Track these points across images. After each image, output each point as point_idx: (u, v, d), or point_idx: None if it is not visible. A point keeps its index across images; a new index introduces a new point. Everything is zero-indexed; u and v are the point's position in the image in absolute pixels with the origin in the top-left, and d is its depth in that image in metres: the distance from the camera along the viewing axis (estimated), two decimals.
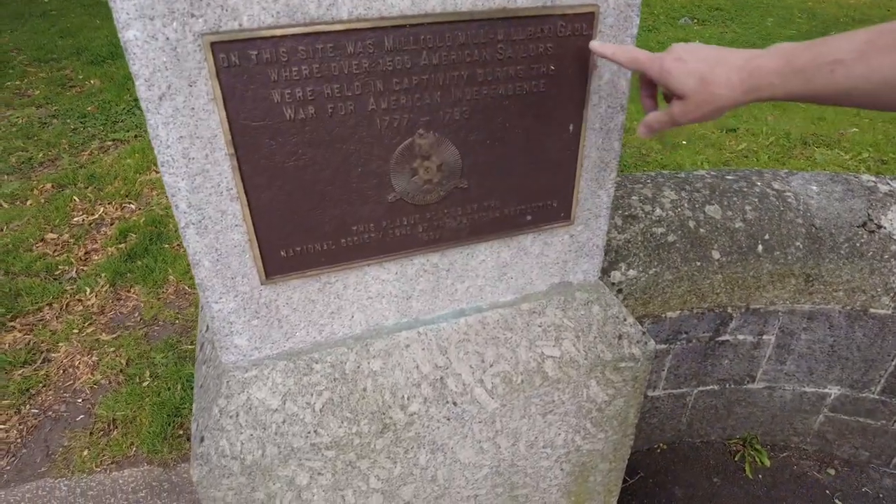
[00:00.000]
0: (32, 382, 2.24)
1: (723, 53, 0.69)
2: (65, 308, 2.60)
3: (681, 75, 0.70)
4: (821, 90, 0.60)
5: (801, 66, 0.61)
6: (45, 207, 3.31)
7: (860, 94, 0.58)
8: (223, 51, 0.72)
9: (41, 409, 2.16)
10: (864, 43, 0.57)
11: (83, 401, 2.19)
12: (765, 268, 1.54)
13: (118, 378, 2.27)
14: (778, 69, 0.63)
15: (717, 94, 0.68)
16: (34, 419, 2.12)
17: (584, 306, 1.18)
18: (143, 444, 1.99)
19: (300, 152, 0.81)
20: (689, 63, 0.70)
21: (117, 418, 2.10)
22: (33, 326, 2.50)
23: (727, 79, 0.67)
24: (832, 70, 0.59)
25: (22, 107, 4.52)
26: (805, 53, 0.61)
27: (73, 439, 2.03)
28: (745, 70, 0.66)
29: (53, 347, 2.41)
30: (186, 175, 0.80)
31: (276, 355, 1.01)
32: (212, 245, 0.86)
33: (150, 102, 0.74)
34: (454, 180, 0.93)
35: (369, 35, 0.77)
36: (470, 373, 1.08)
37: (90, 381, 2.26)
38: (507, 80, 0.87)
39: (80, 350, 2.39)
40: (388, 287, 1.01)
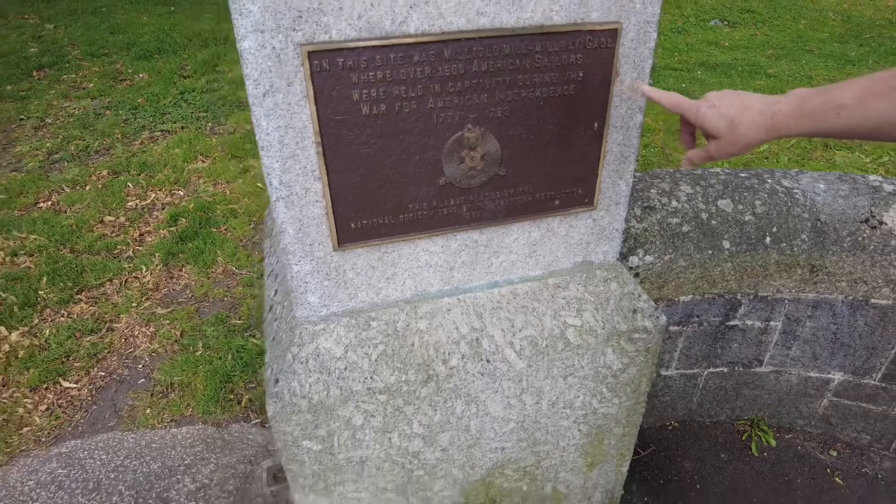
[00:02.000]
0: (99, 348, 2.48)
1: (748, 100, 0.84)
2: (124, 284, 2.85)
3: (714, 119, 0.85)
4: (829, 129, 0.73)
5: (811, 110, 0.74)
6: (103, 192, 3.57)
7: (862, 131, 0.70)
8: (317, 58, 0.90)
9: (107, 372, 2.39)
10: (862, 90, 0.70)
11: (143, 366, 2.42)
12: (772, 258, 1.67)
13: (173, 347, 2.50)
14: (792, 112, 0.76)
15: (744, 135, 0.82)
16: (102, 380, 2.36)
17: (603, 283, 1.34)
18: (198, 406, 2.20)
19: (371, 142, 0.99)
20: (720, 109, 0.85)
21: (174, 382, 2.32)
22: (97, 300, 2.75)
23: (752, 122, 0.81)
24: (838, 113, 0.71)
25: (78, 98, 4.82)
26: (815, 99, 0.74)
27: (136, 399, 2.26)
28: (766, 114, 0.79)
29: (115, 319, 2.64)
30: (280, 158, 0.98)
31: (341, 312, 1.19)
32: (296, 217, 1.05)
33: (256, 98, 0.93)
34: (494, 168, 1.10)
35: (432, 47, 0.94)
36: (501, 335, 1.25)
37: (149, 350, 2.49)
38: (542, 84, 1.04)
39: (138, 322, 2.63)
40: (435, 258, 1.19)
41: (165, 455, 2.03)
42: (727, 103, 0.85)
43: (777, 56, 5.97)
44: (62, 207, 3.43)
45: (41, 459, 2.02)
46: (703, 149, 0.93)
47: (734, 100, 0.85)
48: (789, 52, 6.14)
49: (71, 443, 2.08)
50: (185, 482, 1.95)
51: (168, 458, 2.02)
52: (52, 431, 2.12)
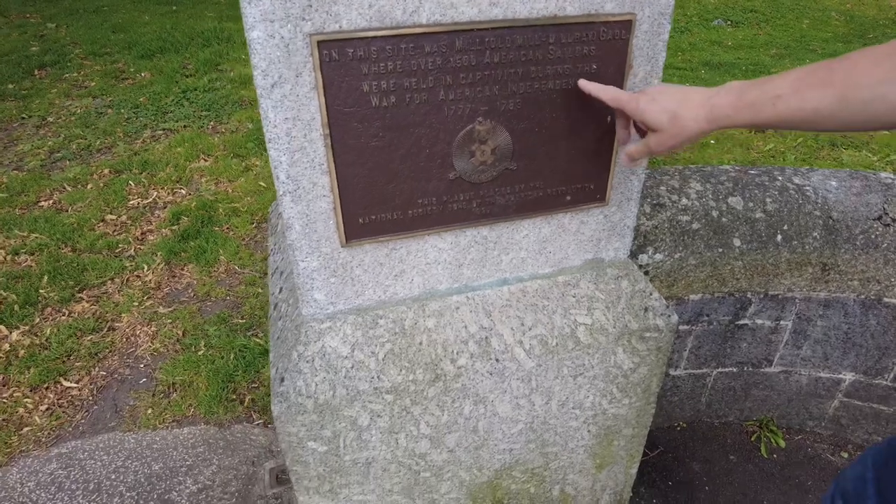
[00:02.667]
0: (100, 348, 2.46)
1: (687, 93, 0.86)
2: (125, 283, 2.82)
3: (655, 112, 0.87)
4: (766, 119, 0.75)
5: (750, 101, 0.76)
6: (104, 191, 3.55)
7: (797, 120, 0.74)
8: (326, 48, 0.88)
9: (108, 372, 2.37)
10: (797, 80, 0.72)
11: (145, 366, 2.40)
12: (783, 256, 1.65)
13: (175, 347, 2.47)
14: (731, 104, 0.78)
15: (685, 126, 0.84)
16: (103, 380, 2.33)
17: (614, 280, 1.32)
18: (200, 406, 2.18)
19: (381, 135, 0.97)
20: (660, 102, 0.87)
21: (176, 382, 2.30)
22: (98, 298, 2.73)
23: (693, 114, 0.83)
24: (774, 103, 0.74)
25: (80, 97, 4.81)
26: (753, 90, 0.76)
27: (137, 399, 2.24)
28: (706, 106, 0.82)
29: (117, 318, 2.62)
30: (287, 150, 0.96)
31: (348, 310, 1.17)
32: (303, 211, 1.02)
33: (264, 89, 0.90)
34: (505, 162, 1.08)
35: (443, 37, 0.92)
36: (511, 334, 1.23)
37: (150, 349, 2.47)
38: (555, 76, 1.01)
39: (140, 321, 2.61)
40: (444, 255, 1.17)
41: (167, 456, 2.01)
42: (667, 96, 0.86)
43: (781, 56, 5.95)
44: (63, 206, 3.41)
45: (41, 460, 2.00)
46: (642, 143, 0.93)
47: (673, 92, 0.87)
48: (793, 51, 6.12)
49: (71, 443, 2.05)
50: (186, 483, 1.92)
51: (169, 459, 2.00)
52: (53, 432, 2.10)
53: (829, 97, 0.70)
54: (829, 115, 0.71)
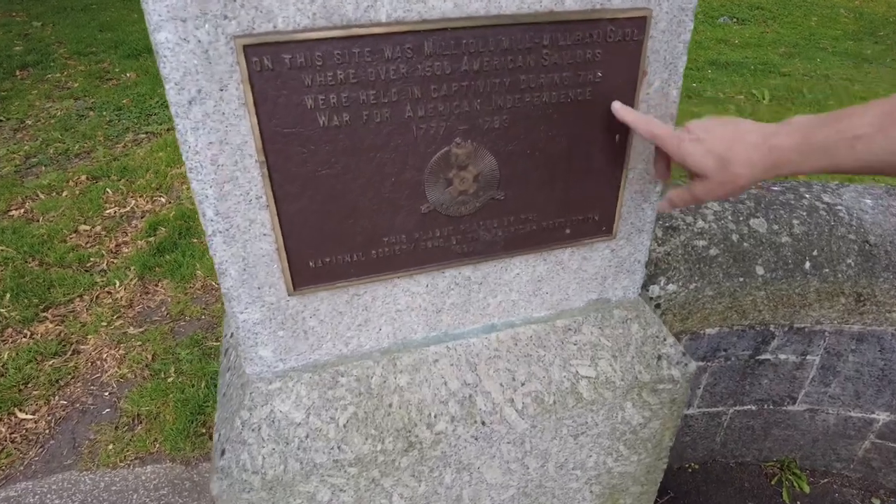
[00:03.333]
0: (62, 374, 2.27)
1: (739, 132, 0.68)
2: (95, 300, 2.63)
3: (699, 156, 0.70)
4: (842, 164, 0.60)
5: (820, 143, 0.61)
6: (80, 199, 3.36)
7: (883, 165, 0.58)
8: (256, 54, 0.68)
9: (69, 401, 2.18)
10: (882, 116, 0.57)
11: (110, 394, 2.21)
12: (812, 285, 1.45)
13: (144, 373, 2.28)
14: (797, 147, 0.63)
15: (738, 174, 0.68)
16: (62, 410, 2.14)
17: (622, 324, 1.12)
18: (166, 441, 1.99)
19: (333, 161, 0.78)
20: (706, 143, 0.69)
21: (142, 413, 2.11)
22: (64, 318, 2.54)
23: (747, 158, 0.66)
24: (852, 146, 0.59)
25: (61, 99, 4.61)
26: (823, 129, 0.61)
27: (98, 433, 2.05)
28: (763, 148, 0.65)
29: (83, 339, 2.43)
30: (215, 182, 0.77)
31: (301, 367, 0.98)
32: (238, 254, 0.83)
33: (180, 107, 0.71)
34: (491, 191, 0.88)
35: (408, 39, 0.72)
36: (500, 391, 1.03)
37: (117, 375, 2.28)
38: (551, 87, 0.82)
39: (108, 343, 2.42)
40: (418, 300, 0.97)
41: (126, 499, 1.82)
42: (715, 136, 0.69)
43: (790, 54, 5.73)
44: (35, 216, 3.22)
45: None
46: (686, 189, 0.76)
47: (722, 131, 0.69)
48: (802, 49, 5.91)
49: (21, 485, 1.86)
50: None
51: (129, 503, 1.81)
52: (2, 471, 1.91)
53: None
54: None
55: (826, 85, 4.83)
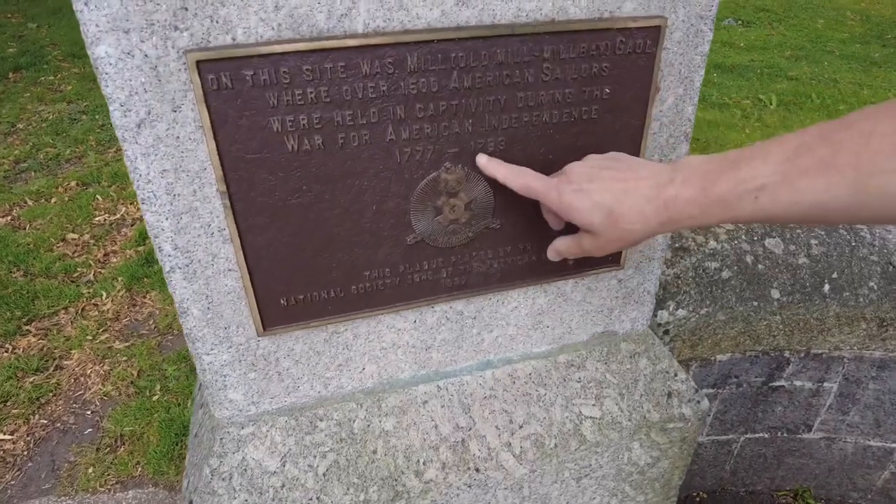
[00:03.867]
0: (43, 391, 2.18)
1: (628, 181, 0.60)
2: (80, 313, 2.55)
3: (585, 211, 0.62)
4: (748, 217, 0.53)
5: (720, 196, 0.53)
6: (69, 206, 3.27)
7: (793, 216, 0.50)
8: (212, 71, 0.59)
9: (50, 420, 2.09)
10: (785, 163, 0.49)
11: (92, 413, 2.12)
12: (831, 310, 1.36)
13: (128, 390, 2.20)
14: (695, 199, 0.55)
15: (629, 230, 0.60)
16: (42, 430, 2.06)
17: (629, 359, 1.03)
18: (149, 465, 1.90)
19: (304, 189, 0.69)
20: (591, 195, 0.61)
21: (125, 434, 2.02)
22: (48, 331, 2.45)
23: (639, 212, 0.59)
24: (755, 197, 0.51)
25: (53, 102, 4.53)
26: (723, 180, 0.53)
27: (79, 454, 1.96)
28: (658, 201, 0.57)
29: (66, 354, 2.35)
30: (171, 214, 0.68)
31: (276, 410, 0.89)
32: (201, 292, 0.74)
33: (127, 130, 0.62)
34: (485, 220, 0.79)
35: (389, 52, 0.63)
36: (496, 435, 0.94)
37: (100, 392, 2.19)
38: (552, 105, 0.73)
39: (92, 358, 2.33)
40: (405, 337, 0.88)
41: None
42: (601, 186, 0.61)
43: (796, 57, 5.63)
44: (22, 223, 3.13)
45: None
46: (574, 240, 0.67)
47: (609, 180, 0.61)
48: (809, 53, 5.81)
49: None
50: None
51: None
52: None
53: (836, 187, 0.46)
54: (839, 209, 0.47)
55: (835, 89, 4.74)
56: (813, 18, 7.15)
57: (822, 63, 5.44)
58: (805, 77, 5.05)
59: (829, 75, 5.09)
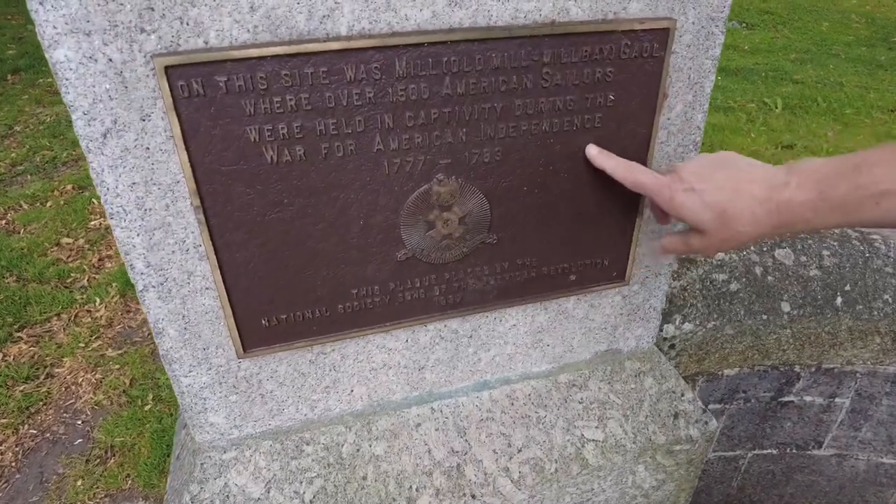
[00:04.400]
0: (33, 400, 2.14)
1: (741, 181, 0.58)
2: (73, 319, 2.50)
3: (696, 210, 0.60)
4: (864, 220, 0.53)
5: (839, 201, 0.52)
6: (64, 209, 3.23)
7: None
8: (182, 77, 0.55)
9: (39, 430, 2.04)
10: None
11: (83, 422, 2.07)
12: (843, 323, 1.31)
13: (120, 399, 2.15)
14: (811, 204, 0.54)
15: (741, 232, 0.59)
16: (31, 440, 2.01)
17: (634, 378, 0.98)
18: (139, 477, 1.85)
19: (286, 202, 0.64)
20: (703, 194, 0.59)
21: (115, 445, 1.97)
22: (40, 338, 2.40)
23: (752, 214, 0.57)
24: (877, 203, 0.51)
25: (52, 104, 4.50)
26: (841, 184, 0.52)
27: (68, 466, 1.91)
28: (770, 204, 0.56)
29: (58, 362, 2.30)
30: (143, 229, 0.63)
31: (260, 434, 0.84)
32: (177, 311, 0.69)
33: (92, 141, 0.57)
34: (481, 234, 0.74)
35: (375, 56, 0.59)
36: (493, 459, 0.89)
37: (92, 402, 2.14)
38: (552, 113, 0.68)
39: (84, 366, 2.28)
40: (396, 357, 0.83)
41: None
42: (713, 186, 0.59)
43: (801, 60, 5.58)
44: (16, 227, 3.09)
45: None
46: (682, 239, 0.65)
47: (721, 180, 0.59)
48: (814, 55, 5.75)
49: None
50: None
51: None
52: None
53: None
54: None
55: (841, 93, 4.68)
56: (817, 21, 7.10)
57: (828, 66, 5.38)
58: (810, 80, 4.99)
59: (834, 78, 5.03)
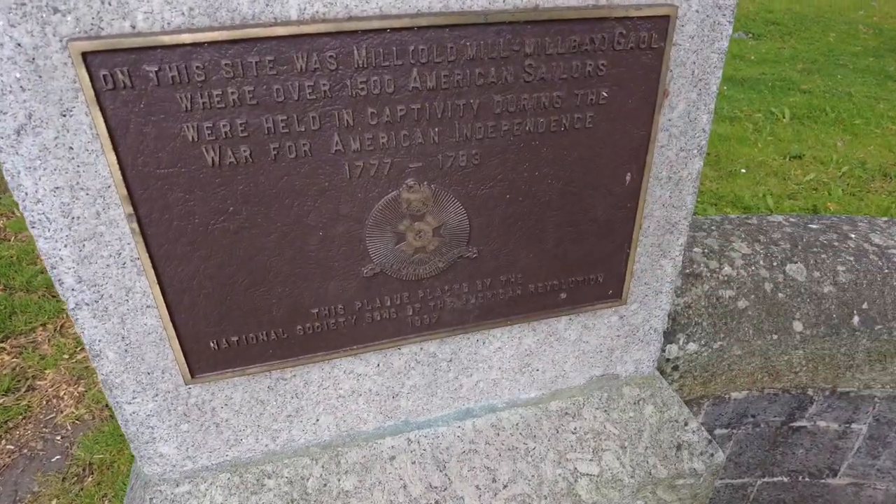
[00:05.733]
0: (12, 413, 2.06)
1: None
2: (58, 330, 2.43)
3: None
4: None
5: None
6: None
7: None
8: (104, 65, 0.47)
9: (17, 446, 1.97)
10: None
11: (62, 438, 2.00)
12: (861, 344, 1.22)
13: (102, 414, 2.07)
14: None
15: None
16: (8, 457, 1.93)
17: (633, 406, 0.89)
18: (116, 498, 1.77)
19: (231, 210, 0.56)
20: None
21: (94, 462, 1.89)
22: (23, 349, 2.33)
23: None
24: None
25: None
26: None
27: (44, 485, 1.83)
28: None
29: (40, 374, 2.23)
30: (70, 240, 0.55)
31: (217, 466, 0.76)
32: (116, 332, 0.61)
33: (4, 138, 0.50)
34: (458, 248, 0.66)
35: (330, 43, 0.51)
36: (476, 496, 0.80)
37: (73, 416, 2.06)
38: (537, 111, 0.60)
39: (67, 378, 2.21)
40: (367, 383, 0.75)
41: None
42: None
43: (809, 70, 5.50)
44: (7, 235, 3.04)
45: None
46: None
47: None
48: (821, 66, 5.67)
49: None
50: None
51: None
52: None
53: None
54: None
55: (850, 103, 4.59)
56: (825, 32, 7.03)
57: (836, 76, 5.29)
58: (818, 90, 4.90)
59: (843, 88, 4.94)
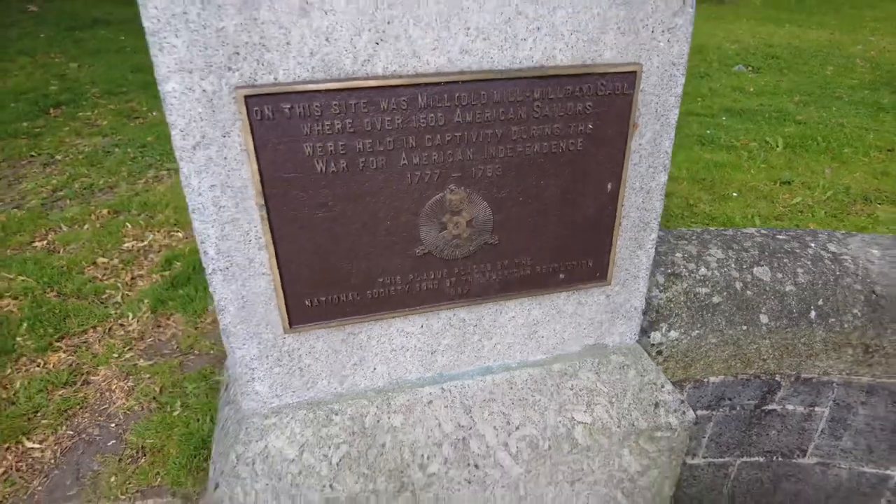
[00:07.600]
0: (71, 404, 2.29)
1: None
2: (108, 332, 2.68)
3: None
4: None
5: None
6: (100, 232, 3.45)
7: None
8: (257, 104, 0.72)
9: (76, 432, 2.20)
10: None
11: (116, 426, 2.22)
12: (818, 335, 1.44)
13: (150, 405, 2.30)
14: None
15: None
16: (69, 441, 2.16)
17: (619, 370, 1.12)
18: (168, 475, 1.99)
19: (330, 205, 0.81)
20: None
21: (146, 446, 2.11)
22: (77, 348, 2.58)
23: None
24: None
25: (90, 136, 4.80)
26: None
27: (103, 464, 2.05)
28: None
29: (93, 370, 2.47)
30: (216, 223, 0.80)
31: (296, 404, 0.99)
32: (238, 292, 0.86)
33: (184, 151, 0.75)
34: (484, 236, 0.90)
35: (403, 92, 0.76)
36: (494, 435, 1.03)
37: (124, 407, 2.29)
38: (542, 138, 0.85)
39: (117, 375, 2.45)
40: (413, 340, 0.99)
41: None
42: None
43: (805, 102, 5.77)
44: (56, 247, 3.31)
45: None
46: None
47: None
48: (817, 98, 5.94)
49: None
50: None
51: None
52: (6, 500, 1.92)
53: None
54: None
55: (841, 133, 4.84)
56: (822, 66, 7.32)
57: (831, 108, 5.56)
58: (812, 121, 5.16)
59: (836, 119, 5.20)
